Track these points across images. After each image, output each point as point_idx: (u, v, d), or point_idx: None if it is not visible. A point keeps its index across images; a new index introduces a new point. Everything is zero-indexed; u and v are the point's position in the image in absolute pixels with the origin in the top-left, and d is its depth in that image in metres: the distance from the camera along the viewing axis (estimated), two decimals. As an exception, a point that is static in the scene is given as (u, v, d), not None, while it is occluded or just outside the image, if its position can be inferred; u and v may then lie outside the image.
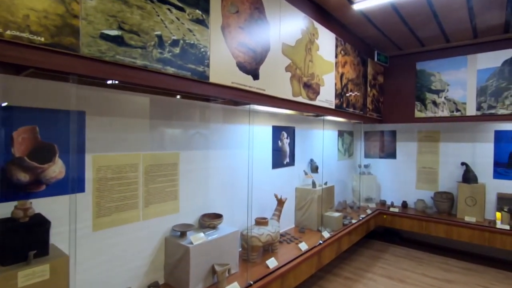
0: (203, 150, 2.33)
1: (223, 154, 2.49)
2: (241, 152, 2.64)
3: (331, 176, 4.24)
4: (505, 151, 3.84)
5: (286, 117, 3.28)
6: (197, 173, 2.29)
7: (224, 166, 2.50)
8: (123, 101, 1.82)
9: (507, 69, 3.40)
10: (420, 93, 4.00)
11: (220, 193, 2.48)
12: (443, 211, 4.11)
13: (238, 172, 2.62)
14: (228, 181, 2.53)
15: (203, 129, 2.33)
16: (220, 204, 2.47)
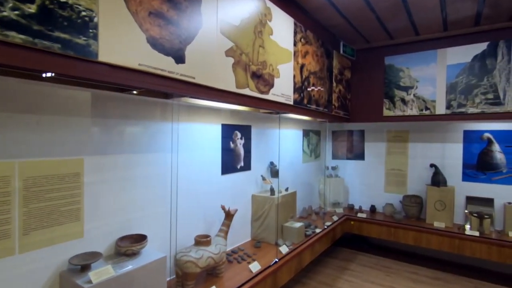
0: (121, 154, 1.82)
1: (152, 159, 2.00)
2: (177, 156, 2.16)
3: (296, 180, 3.86)
4: (474, 152, 3.64)
5: (240, 114, 2.83)
6: (113, 184, 1.78)
7: (153, 173, 2.00)
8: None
9: (477, 65, 3.17)
10: (389, 90, 3.72)
11: (147, 208, 1.98)
12: (412, 216, 3.87)
13: (173, 181, 2.14)
14: (159, 192, 2.04)
15: (122, 127, 1.83)
16: (147, 223, 1.98)
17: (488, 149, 3.55)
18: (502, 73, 3.05)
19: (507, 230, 3.29)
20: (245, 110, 2.62)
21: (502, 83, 3.05)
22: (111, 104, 1.76)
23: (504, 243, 3.09)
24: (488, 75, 3.12)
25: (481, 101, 3.15)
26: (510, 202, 3.40)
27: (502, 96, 3.05)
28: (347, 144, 4.57)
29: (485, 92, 3.13)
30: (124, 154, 1.84)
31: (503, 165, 3.47)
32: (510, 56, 3.01)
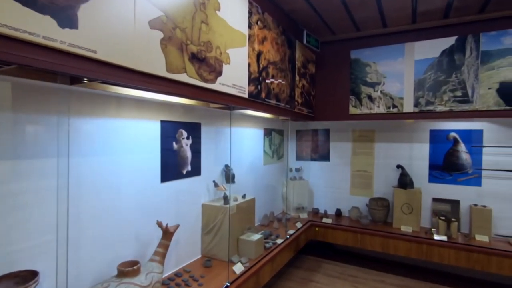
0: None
1: (44, 166, 1.47)
2: (89, 160, 1.65)
3: (256, 185, 3.47)
4: (440, 152, 3.49)
5: (186, 109, 2.37)
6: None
7: (49, 186, 1.48)
8: None
9: (445, 60, 2.99)
10: (355, 86, 3.45)
11: (40, 234, 1.46)
12: (378, 220, 3.65)
13: (82, 193, 1.63)
14: (58, 211, 1.52)
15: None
16: (41, 253, 1.46)
17: (454, 149, 3.42)
18: (470, 69, 2.88)
19: (474, 233, 3.16)
20: (191, 104, 2.17)
21: (470, 80, 2.88)
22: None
23: (473, 248, 2.93)
24: (456, 71, 2.94)
25: (449, 99, 2.97)
26: (476, 204, 3.28)
27: (471, 93, 2.88)
28: (311, 144, 4.28)
29: (453, 89, 2.95)
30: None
31: (469, 166, 3.35)
32: (478, 51, 2.85)
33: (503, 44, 2.76)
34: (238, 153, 3.13)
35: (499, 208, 3.19)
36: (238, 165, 3.08)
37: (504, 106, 2.76)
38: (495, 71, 2.79)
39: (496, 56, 2.79)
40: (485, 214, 3.14)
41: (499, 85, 2.78)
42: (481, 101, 2.84)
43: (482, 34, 2.84)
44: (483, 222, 3.14)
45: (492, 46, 2.80)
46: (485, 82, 2.83)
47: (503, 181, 3.21)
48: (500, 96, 2.77)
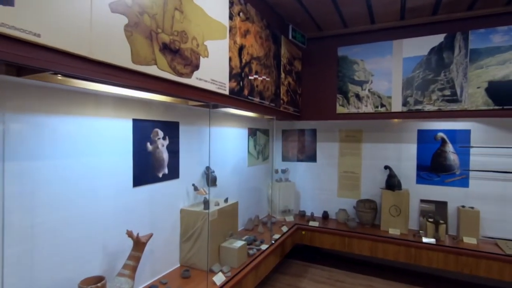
0: None
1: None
2: (48, 164, 1.45)
3: (240, 187, 3.30)
4: (428, 152, 3.43)
5: (163, 107, 2.18)
6: None
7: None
8: None
9: (434, 58, 2.91)
10: (343, 85, 3.34)
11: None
12: (366, 222, 3.55)
13: (39, 202, 1.43)
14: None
15: None
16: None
17: (441, 149, 3.36)
18: (459, 67, 2.81)
19: (462, 235, 3.10)
20: (167, 102, 1.98)
21: (459, 79, 2.81)
22: None
23: (461, 251, 2.86)
24: (445, 70, 2.87)
25: (438, 98, 2.90)
26: (463, 205, 3.22)
27: (459, 92, 2.81)
28: (298, 144, 4.15)
29: (442, 88, 2.88)
30: None
31: (456, 167, 3.30)
32: (467, 49, 2.78)
33: (492, 42, 2.70)
34: (221, 154, 2.96)
35: (487, 209, 3.15)
36: (220, 167, 2.91)
37: (493, 106, 2.70)
38: (484, 70, 2.73)
39: (485, 55, 2.73)
40: (473, 216, 3.09)
41: (488, 84, 2.72)
42: (470, 101, 2.78)
43: (471, 31, 2.77)
44: (471, 224, 3.09)
45: (481, 44, 2.74)
46: (474, 81, 2.76)
47: (490, 182, 3.17)
48: (489, 95, 2.71)
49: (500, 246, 2.93)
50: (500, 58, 2.67)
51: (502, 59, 2.66)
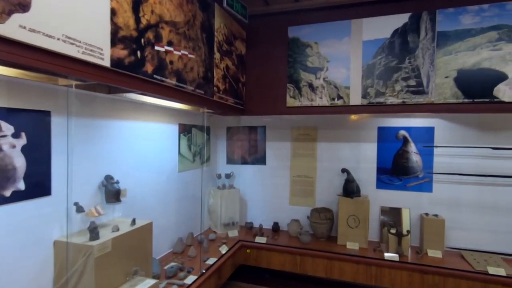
0: None
1: None
2: None
3: (166, 200, 2.59)
4: (389, 153, 3.00)
5: (6, 85, 1.40)
6: None
7: None
8: None
9: (398, 42, 2.45)
10: (293, 72, 2.77)
11: None
12: (321, 235, 3.03)
13: None
14: None
15: None
16: None
17: (403, 149, 2.95)
18: (425, 53, 2.38)
19: (426, 248, 2.70)
20: (21, 78, 1.21)
21: (425, 67, 2.38)
22: None
23: (426, 269, 2.44)
24: (410, 56, 2.42)
25: (402, 89, 2.44)
26: (427, 213, 2.83)
27: (426, 83, 2.38)
28: (245, 144, 3.52)
29: (406, 77, 2.43)
30: None
31: (419, 169, 2.90)
32: (434, 32, 2.36)
33: (461, 24, 2.30)
34: (135, 158, 2.21)
35: (451, 216, 2.79)
36: (132, 175, 2.17)
37: (463, 99, 2.30)
38: (453, 57, 2.32)
39: (453, 39, 2.32)
40: (438, 225, 2.70)
41: (457, 73, 2.31)
42: (437, 92, 2.36)
43: (439, 11, 2.35)
44: (435, 234, 2.70)
45: (449, 26, 2.32)
46: (441, 69, 2.35)
47: (455, 186, 2.82)
48: (458, 86, 2.31)
49: (467, 259, 2.57)
50: (470, 43, 2.28)
51: (472, 44, 2.27)
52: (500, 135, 2.68)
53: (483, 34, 2.24)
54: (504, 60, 2.21)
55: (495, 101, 2.24)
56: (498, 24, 2.21)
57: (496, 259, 2.58)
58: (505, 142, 2.65)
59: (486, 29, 2.23)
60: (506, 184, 2.66)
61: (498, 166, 2.68)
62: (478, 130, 2.73)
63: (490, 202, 2.72)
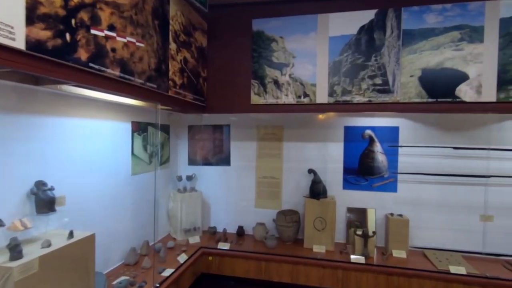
0: None
1: None
2: None
3: (116, 205, 2.31)
4: (355, 153, 2.95)
5: None
6: None
7: None
8: None
9: (364, 39, 2.39)
10: (258, 68, 2.61)
11: None
12: (287, 239, 2.91)
13: None
14: None
15: None
16: None
17: (369, 149, 2.91)
18: (391, 51, 2.33)
19: (391, 248, 2.68)
20: None
21: (391, 65, 2.33)
22: None
23: (391, 270, 2.41)
24: (376, 54, 2.36)
25: (368, 87, 2.38)
26: (392, 213, 2.82)
27: (391, 81, 2.34)
28: (208, 144, 3.31)
29: (372, 75, 2.37)
30: None
31: (385, 169, 2.89)
32: (400, 30, 2.32)
33: (426, 23, 2.27)
34: (74, 160, 1.92)
35: (414, 216, 2.80)
36: (73, 180, 1.88)
37: (427, 98, 2.28)
38: (417, 55, 2.29)
39: (418, 37, 2.29)
40: (402, 225, 2.70)
41: (421, 73, 2.29)
42: (403, 91, 2.32)
43: (404, 9, 2.31)
44: (400, 234, 2.69)
45: (414, 24, 2.29)
46: (406, 68, 2.31)
47: (418, 185, 2.83)
48: (423, 85, 2.29)
49: (429, 258, 2.59)
50: (434, 42, 2.26)
51: (436, 43, 2.26)
52: (461, 135, 2.72)
53: (446, 34, 2.24)
54: (465, 61, 2.22)
55: (457, 101, 2.24)
56: (461, 24, 2.21)
57: (457, 257, 2.62)
58: (466, 141, 2.70)
59: (449, 29, 2.23)
60: (466, 183, 2.72)
61: (458, 165, 2.72)
62: (440, 130, 2.76)
63: (451, 201, 2.76)
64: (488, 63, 2.19)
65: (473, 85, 2.21)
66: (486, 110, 2.24)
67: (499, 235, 2.69)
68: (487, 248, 2.70)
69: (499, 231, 2.69)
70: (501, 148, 2.63)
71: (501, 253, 2.66)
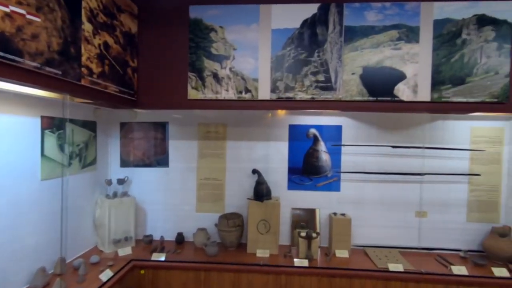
0: None
1: None
2: None
3: (20, 218, 1.90)
4: (300, 152, 2.87)
5: None
6: None
7: None
8: None
9: (307, 33, 2.29)
10: (196, 59, 2.37)
11: None
12: (230, 244, 2.72)
13: None
14: None
15: None
16: None
17: (313, 148, 2.85)
18: (333, 47, 2.27)
19: (334, 249, 2.65)
20: None
21: (333, 62, 2.26)
22: None
23: (334, 272, 2.35)
24: (318, 49, 2.28)
25: (311, 84, 2.29)
26: (335, 212, 2.79)
27: (334, 78, 2.27)
28: (143, 143, 2.98)
29: (315, 71, 2.28)
30: None
31: (328, 168, 2.85)
32: (341, 26, 2.26)
33: (367, 21, 2.25)
34: None
35: (356, 214, 2.81)
36: None
37: (368, 97, 2.26)
38: (359, 53, 2.26)
39: (359, 35, 2.26)
40: (344, 224, 2.68)
41: (363, 71, 2.26)
42: (345, 89, 2.27)
43: (346, 5, 2.26)
44: (342, 234, 2.66)
45: (355, 21, 2.25)
46: (348, 65, 2.26)
47: (360, 184, 2.84)
48: (364, 84, 2.26)
49: (370, 256, 2.60)
50: (374, 40, 2.24)
51: (376, 41, 2.24)
52: (399, 134, 2.79)
53: (385, 32, 2.23)
54: (403, 60, 2.23)
55: (395, 100, 2.25)
56: (399, 23, 2.22)
57: (395, 253, 2.67)
58: (403, 140, 2.77)
59: (388, 27, 2.23)
60: (403, 181, 2.79)
61: (397, 164, 2.78)
62: (381, 129, 2.80)
63: (390, 199, 2.82)
64: (423, 63, 2.23)
65: (410, 85, 2.23)
66: (421, 110, 2.28)
67: (432, 230, 2.81)
68: (422, 243, 2.81)
69: (432, 226, 2.81)
70: (434, 146, 2.75)
71: (434, 247, 2.78)
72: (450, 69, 2.23)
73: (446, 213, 2.80)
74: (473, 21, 2.21)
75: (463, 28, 2.21)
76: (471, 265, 2.49)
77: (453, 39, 2.22)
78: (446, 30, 2.22)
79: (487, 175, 2.77)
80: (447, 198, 2.79)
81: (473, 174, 2.77)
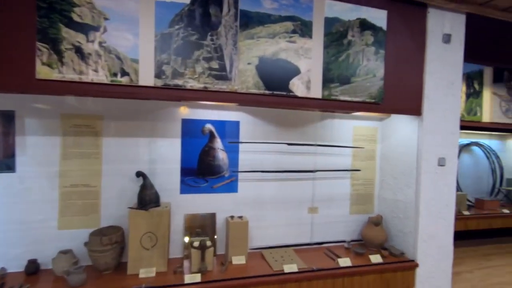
0: None
1: None
2: None
3: None
4: (195, 151, 2.55)
5: None
6: None
7: None
8: None
9: (199, 12, 1.99)
10: (49, 25, 1.77)
11: None
12: (105, 267, 2.17)
13: None
14: None
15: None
16: None
17: (209, 146, 2.57)
18: (228, 32, 2.04)
19: (231, 255, 2.43)
20: None
21: (228, 48, 2.03)
22: None
23: (230, 284, 2.12)
24: (212, 32, 2.01)
25: (204, 71, 2.00)
26: (232, 215, 2.58)
27: (229, 67, 2.04)
28: (-30, 139, 2.12)
29: (208, 57, 2.00)
30: None
31: (226, 168, 2.62)
32: (237, 9, 2.05)
33: (263, 7, 2.10)
34: None
35: (254, 216, 2.67)
36: None
37: (264, 90, 2.11)
38: (255, 41, 2.09)
39: (255, 21, 2.09)
40: (241, 227, 2.48)
41: (258, 61, 2.11)
42: (240, 80, 2.07)
43: (241, -13, 2.06)
44: (239, 238, 2.46)
45: (251, 6, 2.08)
46: (244, 53, 2.07)
47: (258, 183, 2.72)
48: (260, 75, 2.10)
49: (266, 259, 2.48)
50: (270, 29, 2.12)
51: (272, 31, 2.12)
52: (294, 132, 2.78)
53: (281, 23, 2.13)
54: (297, 54, 2.18)
55: (290, 95, 2.17)
56: (293, 15, 2.16)
57: (290, 253, 2.63)
58: (298, 138, 2.78)
59: (284, 18, 2.14)
60: (298, 178, 2.79)
61: (293, 161, 2.77)
62: (277, 126, 2.73)
63: (285, 197, 2.78)
64: (315, 59, 2.23)
65: (304, 80, 2.20)
66: (314, 106, 2.27)
67: (322, 225, 2.91)
68: (313, 238, 2.87)
69: (322, 221, 2.90)
70: (324, 144, 2.85)
71: (323, 241, 2.88)
72: (338, 67, 2.29)
73: (333, 208, 2.94)
74: (356, 24, 2.33)
75: (349, 29, 2.31)
76: (353, 254, 2.66)
77: (341, 38, 2.29)
78: (335, 29, 2.27)
79: (364, 170, 3.04)
80: (334, 193, 2.94)
81: (355, 170, 2.99)
